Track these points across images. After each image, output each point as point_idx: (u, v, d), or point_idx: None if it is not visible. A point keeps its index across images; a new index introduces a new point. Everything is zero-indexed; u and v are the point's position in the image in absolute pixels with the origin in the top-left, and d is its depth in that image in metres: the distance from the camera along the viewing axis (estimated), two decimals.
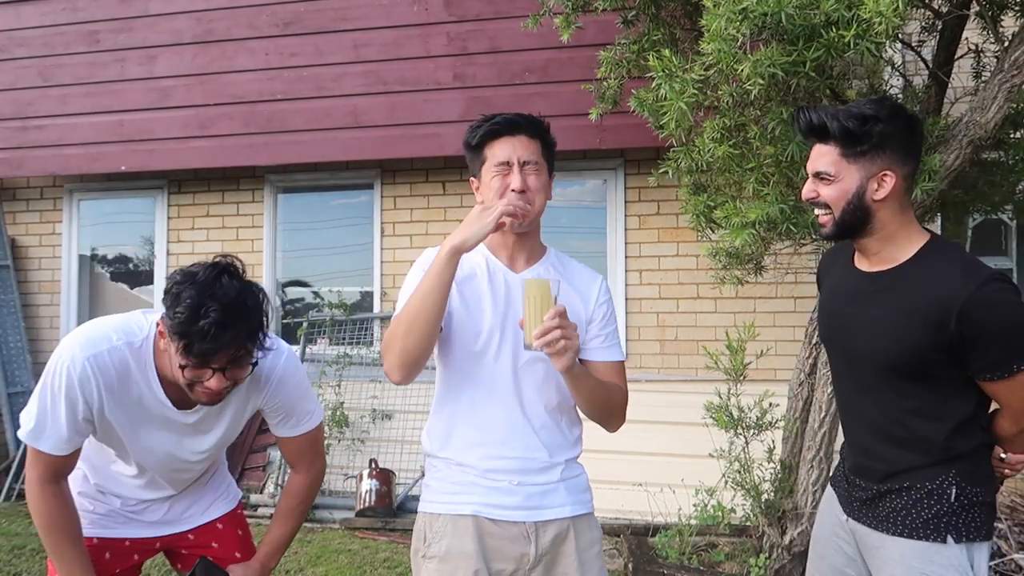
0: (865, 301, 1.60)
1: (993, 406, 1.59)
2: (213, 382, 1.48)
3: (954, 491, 1.52)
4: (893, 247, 1.57)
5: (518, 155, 1.64)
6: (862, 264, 1.64)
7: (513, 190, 1.61)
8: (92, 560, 1.66)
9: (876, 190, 1.52)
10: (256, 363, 1.55)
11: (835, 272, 1.75)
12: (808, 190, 1.60)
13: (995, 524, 3.27)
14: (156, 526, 1.83)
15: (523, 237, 1.70)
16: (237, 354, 1.48)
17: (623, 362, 1.75)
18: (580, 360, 1.63)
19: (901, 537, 1.55)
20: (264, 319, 1.53)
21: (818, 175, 1.57)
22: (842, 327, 1.66)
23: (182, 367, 1.46)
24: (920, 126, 1.60)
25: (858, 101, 1.60)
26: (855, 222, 1.55)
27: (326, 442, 4.80)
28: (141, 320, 1.60)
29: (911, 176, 1.57)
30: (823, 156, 1.55)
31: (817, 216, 1.62)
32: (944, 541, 1.51)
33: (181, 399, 1.59)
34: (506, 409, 1.61)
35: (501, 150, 1.64)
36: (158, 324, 1.52)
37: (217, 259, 1.50)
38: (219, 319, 1.40)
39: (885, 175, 1.51)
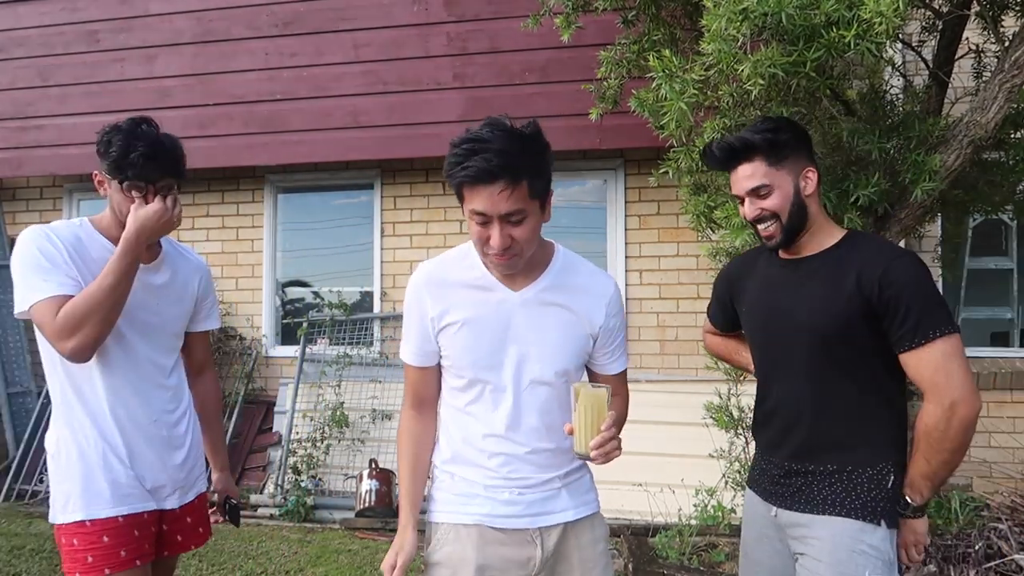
0: (796, 284, 1.72)
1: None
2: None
3: (892, 478, 1.61)
4: (819, 237, 1.71)
5: (498, 210, 1.41)
6: (788, 255, 1.76)
7: (494, 247, 1.44)
8: (125, 540, 1.75)
9: (805, 186, 1.68)
10: (177, 189, 1.80)
11: (757, 273, 1.85)
12: (752, 209, 1.70)
13: (994, 524, 3.28)
14: (163, 495, 1.86)
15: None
16: (164, 183, 1.75)
17: (626, 368, 1.74)
18: (586, 368, 1.67)
19: (835, 516, 1.62)
20: (181, 156, 1.80)
21: (755, 191, 1.68)
22: (779, 312, 1.74)
23: (126, 194, 1.72)
24: (803, 127, 1.79)
25: (751, 124, 1.75)
26: (799, 222, 1.69)
27: (326, 442, 4.81)
28: (66, 222, 1.83)
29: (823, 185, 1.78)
30: (754, 173, 1.68)
31: (762, 231, 1.73)
32: (878, 524, 1.59)
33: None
34: (505, 437, 1.59)
35: (479, 201, 1.42)
36: (93, 175, 1.79)
37: (133, 116, 1.77)
38: (145, 152, 1.70)
39: (808, 172, 1.68)
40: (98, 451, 1.76)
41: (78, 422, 1.77)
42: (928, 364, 1.54)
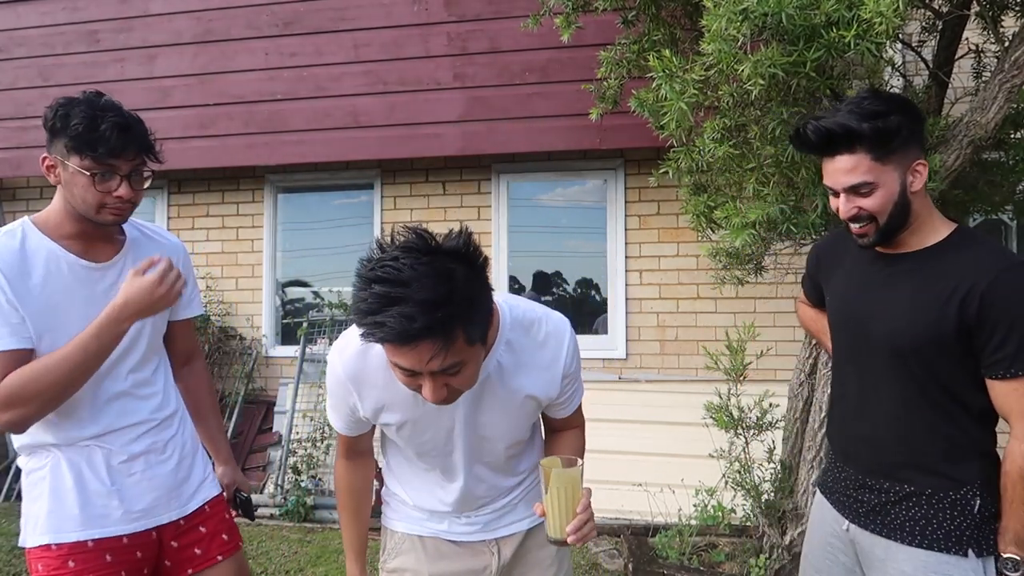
0: (886, 284, 1.53)
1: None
2: (123, 189, 1.53)
3: (978, 502, 1.44)
4: (922, 233, 1.51)
5: (429, 368, 1.13)
6: (884, 249, 1.56)
7: (432, 401, 1.20)
8: (94, 566, 1.57)
9: (913, 182, 1.45)
10: (153, 175, 1.61)
11: (847, 259, 1.67)
12: (848, 208, 1.47)
13: None
14: (148, 514, 1.66)
15: None
16: (137, 161, 1.55)
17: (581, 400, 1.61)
18: (542, 414, 1.56)
19: (917, 548, 1.46)
20: (148, 131, 1.59)
21: (855, 189, 1.45)
22: (862, 312, 1.57)
23: (93, 175, 1.50)
24: (919, 110, 1.53)
25: (851, 99, 1.48)
26: (899, 223, 1.48)
27: (326, 442, 4.81)
28: (6, 231, 1.61)
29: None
30: (856, 167, 1.43)
31: (854, 229, 1.51)
32: (965, 555, 1.43)
33: (85, 253, 1.60)
34: (460, 494, 1.52)
35: (402, 358, 1.13)
36: (44, 160, 1.55)
37: (85, 91, 1.56)
38: (118, 122, 1.49)
39: (918, 165, 1.45)
40: (73, 470, 1.59)
41: (51, 438, 1.59)
42: (1020, 397, 1.36)
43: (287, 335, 5.55)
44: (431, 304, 1.05)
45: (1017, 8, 2.57)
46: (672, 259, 4.93)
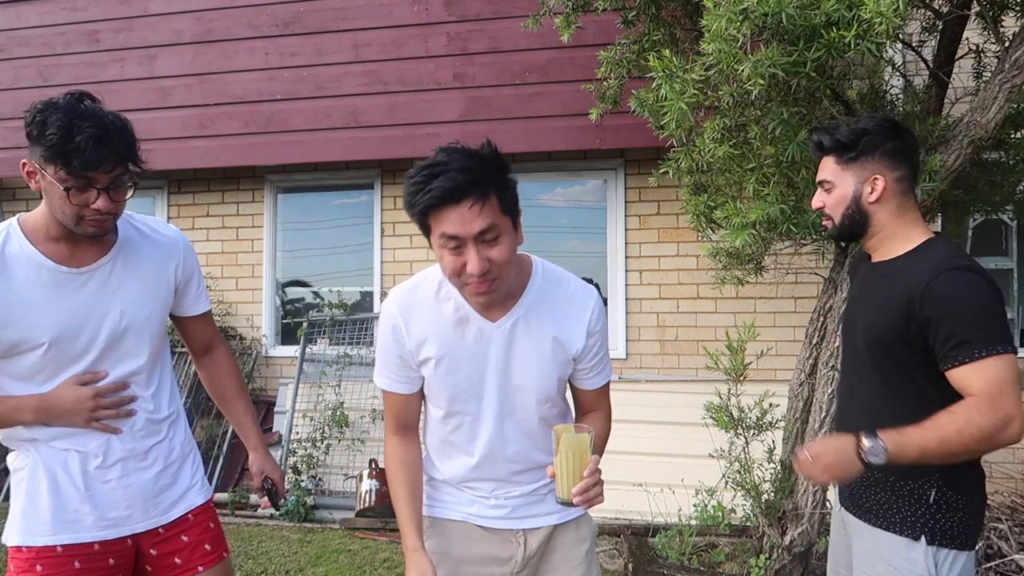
0: (868, 287, 1.74)
1: None
2: (101, 202, 1.45)
3: (933, 493, 1.58)
4: (893, 244, 1.69)
5: (470, 228, 1.32)
6: (873, 258, 1.78)
7: (473, 281, 1.37)
8: (62, 571, 1.55)
9: (870, 193, 1.67)
10: (136, 184, 1.54)
11: (860, 270, 1.88)
12: (816, 200, 1.78)
13: (994, 524, 3.28)
14: (121, 522, 1.63)
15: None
16: (117, 172, 1.46)
17: (609, 381, 1.69)
18: (569, 383, 1.63)
19: (880, 528, 1.64)
20: (135, 138, 1.50)
21: (821, 184, 1.75)
22: (852, 312, 1.79)
23: (67, 189, 1.42)
24: (910, 135, 1.71)
25: (857, 119, 1.79)
26: (854, 225, 1.70)
27: (326, 442, 4.81)
28: None
29: (905, 180, 1.67)
30: (824, 167, 1.74)
31: (822, 221, 1.79)
32: (917, 539, 1.58)
33: (69, 257, 1.56)
34: (488, 461, 1.57)
35: (448, 223, 1.33)
36: (24, 165, 1.49)
37: (71, 91, 1.48)
38: (94, 133, 1.40)
39: (876, 179, 1.66)
40: (48, 473, 1.56)
41: (31, 441, 1.58)
42: (976, 377, 1.47)
43: (287, 335, 5.55)
44: (468, 169, 1.31)
45: (1017, 8, 2.57)
46: (672, 259, 4.93)
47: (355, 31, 5.01)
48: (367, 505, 4.30)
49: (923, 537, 1.57)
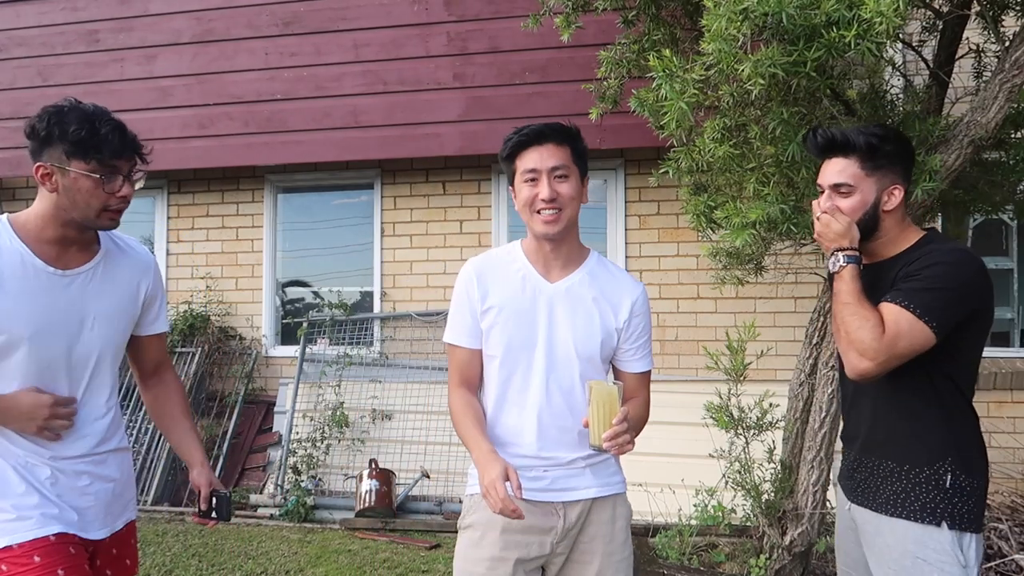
0: (869, 286, 1.72)
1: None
2: (126, 188, 1.59)
3: (949, 478, 1.61)
4: (890, 246, 1.73)
5: (545, 163, 1.67)
6: (865, 260, 1.77)
7: (543, 199, 1.66)
8: (57, 560, 1.57)
9: (887, 202, 1.68)
10: (144, 174, 1.66)
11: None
12: (828, 204, 1.72)
13: (994, 524, 3.28)
14: (102, 519, 1.69)
15: (557, 245, 1.74)
16: (132, 162, 1.60)
17: (651, 370, 1.86)
18: (614, 368, 1.82)
19: (900, 519, 1.64)
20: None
21: (837, 187, 1.70)
22: None
23: (100, 178, 1.53)
24: (914, 153, 1.78)
25: (863, 125, 1.77)
26: (864, 231, 1.69)
27: (326, 442, 4.81)
28: None
29: (906, 190, 1.75)
30: (844, 169, 1.69)
31: None
32: (939, 525, 1.60)
33: (56, 259, 1.61)
34: (535, 414, 1.72)
35: (530, 159, 1.69)
36: (39, 169, 1.56)
37: (63, 99, 1.60)
38: (116, 125, 1.55)
39: (895, 188, 1.68)
40: (25, 472, 1.60)
41: (4, 447, 1.60)
42: (891, 312, 1.57)
43: (287, 335, 5.55)
44: (551, 125, 1.72)
45: (1017, 8, 2.57)
46: (672, 259, 4.93)
47: (355, 31, 5.01)
48: (367, 505, 4.30)
49: (944, 523, 1.59)
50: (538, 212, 1.68)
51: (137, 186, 1.63)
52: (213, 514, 1.87)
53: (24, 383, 1.59)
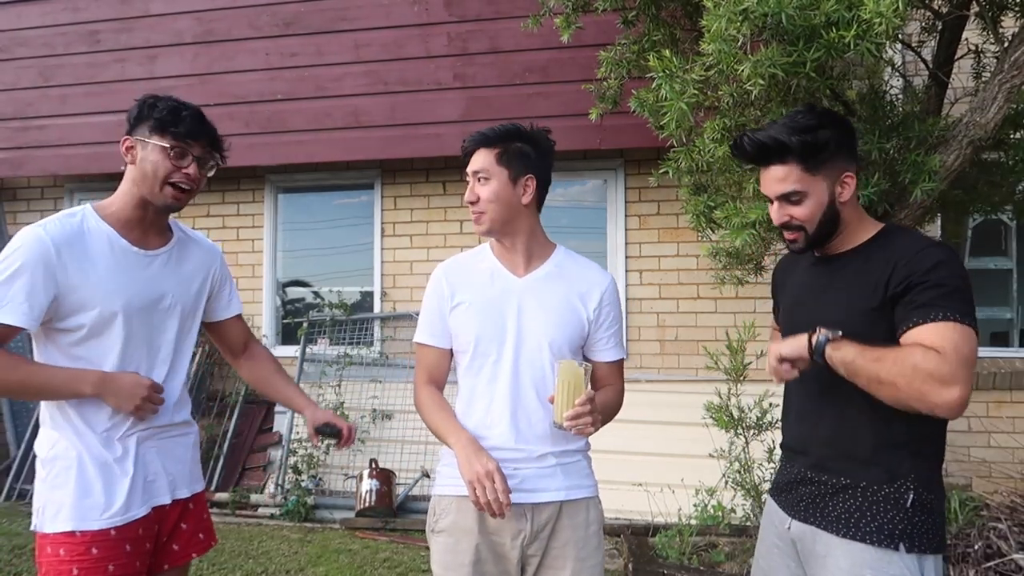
0: (823, 286, 1.63)
1: None
2: (192, 168, 1.74)
3: (911, 496, 1.48)
4: (851, 237, 1.60)
5: (472, 167, 1.78)
6: (820, 253, 1.67)
7: (467, 201, 1.78)
8: (110, 555, 1.65)
9: (841, 193, 1.55)
10: (218, 165, 1.83)
11: (798, 270, 1.77)
12: (779, 216, 1.59)
13: (993, 524, 3.28)
14: (152, 489, 1.76)
15: (515, 242, 1.79)
16: (207, 151, 1.79)
17: (623, 359, 1.87)
18: (584, 357, 1.81)
19: (853, 540, 1.50)
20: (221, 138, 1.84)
21: (786, 197, 1.56)
22: (804, 313, 1.66)
23: (171, 149, 1.70)
24: (851, 126, 1.62)
25: (787, 114, 1.61)
26: (828, 230, 1.58)
27: (326, 442, 4.79)
28: (69, 212, 1.75)
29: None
30: (787, 177, 1.54)
31: (786, 235, 1.62)
32: (896, 549, 1.46)
33: (139, 240, 1.76)
34: (505, 407, 1.73)
35: (471, 163, 1.80)
36: (125, 141, 1.73)
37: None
38: (196, 114, 1.76)
39: (846, 177, 1.55)
40: (98, 461, 1.68)
41: (74, 428, 1.68)
42: (932, 334, 1.37)
43: (287, 335, 5.56)
44: (489, 129, 1.80)
45: (1017, 8, 2.57)
46: (672, 259, 4.93)
47: (356, 31, 5.01)
48: (367, 505, 4.31)
49: (902, 545, 1.46)
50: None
51: (209, 174, 1.81)
52: (339, 431, 2.01)
53: (116, 359, 1.70)
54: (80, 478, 1.66)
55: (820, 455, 1.60)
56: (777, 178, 1.56)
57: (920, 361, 1.36)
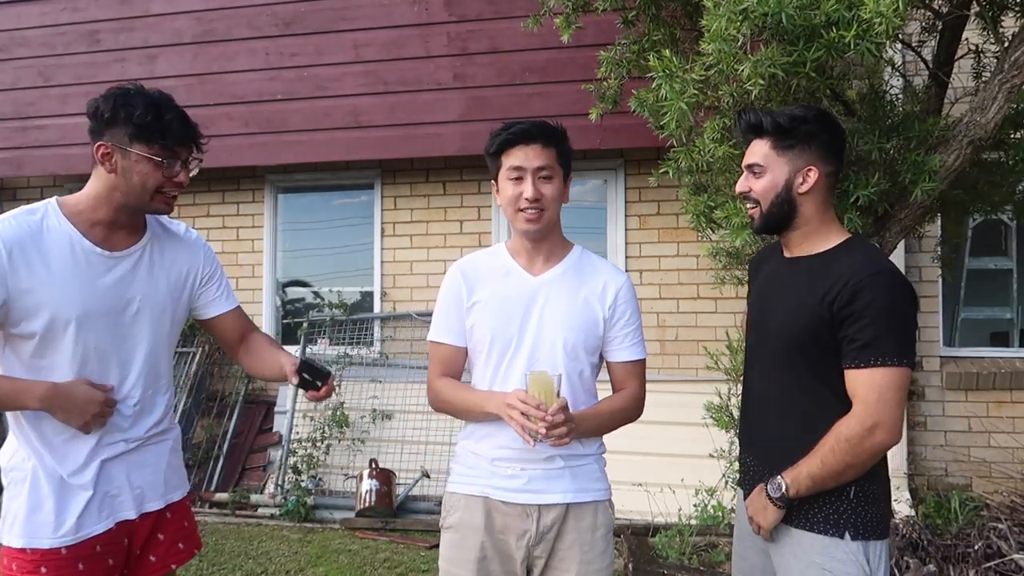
0: (783, 283, 1.72)
1: None
2: (183, 175, 1.63)
3: (853, 489, 1.58)
4: (814, 240, 1.69)
5: (532, 163, 1.70)
6: (787, 253, 1.76)
7: (526, 199, 1.70)
8: (61, 575, 1.56)
9: (801, 183, 1.64)
10: (200, 162, 1.69)
11: (767, 266, 1.85)
12: (741, 184, 1.73)
13: (993, 524, 3.28)
14: (115, 504, 1.65)
15: (539, 242, 1.78)
16: (191, 152, 1.65)
17: (642, 360, 1.83)
18: (602, 356, 1.82)
19: (803, 530, 1.62)
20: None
21: (750, 167, 1.70)
22: (764, 308, 1.77)
23: (161, 161, 1.57)
24: (843, 133, 1.72)
25: (795, 106, 1.76)
26: (781, 215, 1.68)
27: (326, 442, 4.82)
28: (30, 208, 1.62)
29: (833, 176, 1.69)
30: (757, 150, 1.69)
31: (748, 210, 1.75)
32: (842, 537, 1.58)
33: (103, 240, 1.63)
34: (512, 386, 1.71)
35: (516, 156, 1.71)
36: (100, 147, 1.56)
37: (126, 83, 1.61)
38: (180, 114, 1.60)
39: (809, 170, 1.64)
40: (51, 475, 1.59)
41: (29, 440, 1.60)
42: (864, 384, 1.52)
43: (287, 335, 5.56)
44: (541, 125, 1.75)
45: (1017, 8, 2.57)
46: (672, 259, 4.93)
47: (355, 31, 5.01)
48: (367, 505, 4.30)
49: (847, 533, 1.58)
50: (521, 210, 1.72)
51: (192, 173, 1.67)
52: (317, 383, 1.78)
53: (74, 370, 1.59)
54: (32, 492, 1.58)
55: (772, 450, 1.70)
56: (752, 150, 1.70)
57: (845, 431, 1.53)
